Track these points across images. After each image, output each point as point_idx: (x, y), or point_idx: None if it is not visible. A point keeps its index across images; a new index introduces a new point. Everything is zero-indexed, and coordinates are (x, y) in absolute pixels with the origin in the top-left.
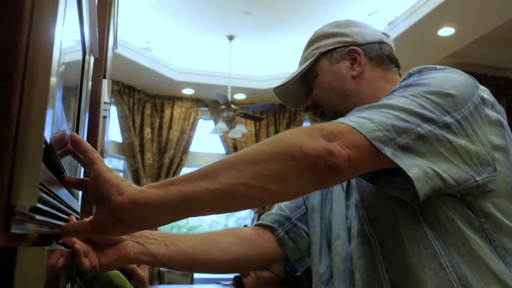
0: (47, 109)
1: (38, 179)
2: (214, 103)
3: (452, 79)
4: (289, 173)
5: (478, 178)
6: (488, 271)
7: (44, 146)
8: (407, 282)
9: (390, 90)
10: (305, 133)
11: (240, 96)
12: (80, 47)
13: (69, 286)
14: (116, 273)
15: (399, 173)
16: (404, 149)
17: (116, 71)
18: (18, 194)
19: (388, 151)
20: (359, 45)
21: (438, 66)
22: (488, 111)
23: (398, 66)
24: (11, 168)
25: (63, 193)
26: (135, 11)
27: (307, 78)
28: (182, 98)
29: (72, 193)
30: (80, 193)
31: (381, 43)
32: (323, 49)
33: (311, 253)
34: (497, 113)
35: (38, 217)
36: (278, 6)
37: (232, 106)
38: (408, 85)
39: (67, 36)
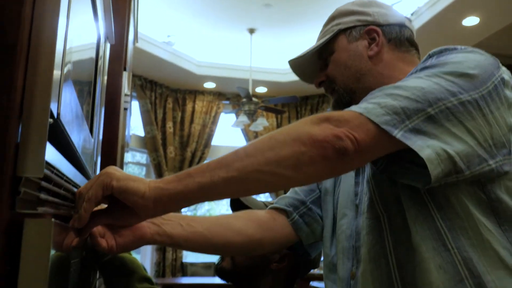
0: (53, 80)
1: (44, 150)
2: (236, 96)
3: (472, 59)
4: (300, 158)
5: (491, 162)
6: (495, 255)
7: (51, 120)
8: (411, 260)
9: (409, 71)
10: (313, 122)
11: (261, 89)
12: (94, 30)
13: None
14: (130, 257)
15: (412, 160)
16: (415, 131)
17: (137, 65)
18: (24, 165)
19: (398, 134)
20: (379, 25)
21: (459, 46)
22: (508, 93)
23: (417, 50)
24: (16, 139)
25: (76, 176)
26: (156, 5)
27: (323, 53)
28: (203, 92)
29: (85, 175)
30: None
31: (402, 26)
32: (342, 26)
33: (323, 236)
34: None
35: (42, 195)
36: None
37: (254, 99)
38: (426, 67)
39: (76, 13)
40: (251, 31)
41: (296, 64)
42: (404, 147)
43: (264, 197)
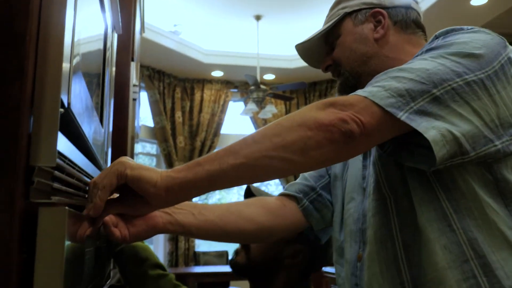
0: (62, 70)
1: (56, 139)
2: (244, 84)
3: (478, 39)
4: (307, 142)
5: (497, 142)
6: (500, 236)
7: (62, 110)
8: (417, 241)
9: (415, 53)
10: (319, 107)
11: (269, 76)
12: (101, 21)
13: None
14: (142, 245)
15: (418, 142)
16: (420, 112)
17: (145, 56)
18: (37, 155)
19: (403, 116)
20: (384, 7)
21: (466, 27)
22: None
23: (424, 32)
24: (28, 129)
25: (88, 166)
26: None
27: (330, 37)
28: (211, 81)
29: (97, 166)
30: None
31: (408, 8)
32: (348, 10)
33: (333, 221)
34: None
35: (55, 185)
36: None
37: (262, 86)
38: (431, 49)
39: (83, 4)
40: (258, 17)
41: (303, 49)
42: (410, 129)
43: (275, 187)
